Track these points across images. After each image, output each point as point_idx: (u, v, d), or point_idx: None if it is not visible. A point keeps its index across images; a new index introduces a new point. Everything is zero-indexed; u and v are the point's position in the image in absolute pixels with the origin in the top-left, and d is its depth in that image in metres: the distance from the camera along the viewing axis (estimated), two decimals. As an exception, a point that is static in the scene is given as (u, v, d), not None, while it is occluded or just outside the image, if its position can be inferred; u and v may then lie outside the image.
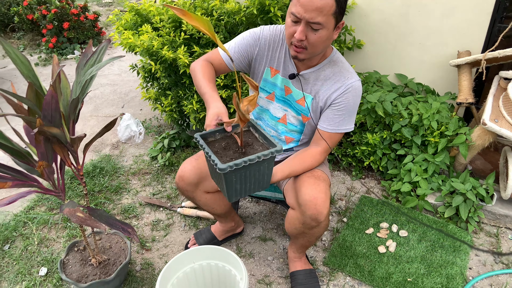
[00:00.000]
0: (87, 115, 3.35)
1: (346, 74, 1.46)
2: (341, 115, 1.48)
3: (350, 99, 1.46)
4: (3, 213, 2.30)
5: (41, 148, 1.24)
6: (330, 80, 1.47)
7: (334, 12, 1.29)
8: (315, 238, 1.62)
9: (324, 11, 1.27)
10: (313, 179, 1.48)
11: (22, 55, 1.22)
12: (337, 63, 1.48)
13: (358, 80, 1.46)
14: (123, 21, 2.48)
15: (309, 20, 1.28)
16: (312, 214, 1.44)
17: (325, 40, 1.35)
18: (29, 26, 4.94)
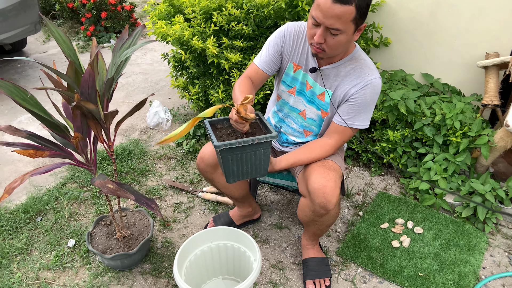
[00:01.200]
0: (119, 101, 3.49)
1: (367, 71, 1.48)
2: (356, 110, 1.51)
3: (368, 95, 1.48)
4: (37, 187, 2.45)
5: (77, 122, 1.35)
6: (350, 76, 1.50)
7: (353, 18, 1.30)
8: (325, 226, 1.67)
9: (343, 18, 1.28)
10: (323, 168, 1.53)
11: (64, 35, 1.33)
12: (358, 60, 1.51)
13: (378, 77, 1.48)
14: (157, 11, 2.59)
15: (328, 26, 1.31)
16: (320, 202, 1.49)
17: (344, 44, 1.38)
18: (69, 14, 5.16)
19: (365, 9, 1.31)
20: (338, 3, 1.26)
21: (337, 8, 1.26)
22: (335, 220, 1.64)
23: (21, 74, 4.03)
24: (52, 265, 1.93)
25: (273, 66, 1.64)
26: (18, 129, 1.37)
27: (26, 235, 2.09)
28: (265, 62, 1.63)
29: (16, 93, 1.25)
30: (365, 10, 1.32)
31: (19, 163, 2.68)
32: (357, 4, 1.27)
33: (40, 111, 1.34)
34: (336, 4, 1.26)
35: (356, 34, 1.38)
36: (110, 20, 4.82)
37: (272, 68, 1.64)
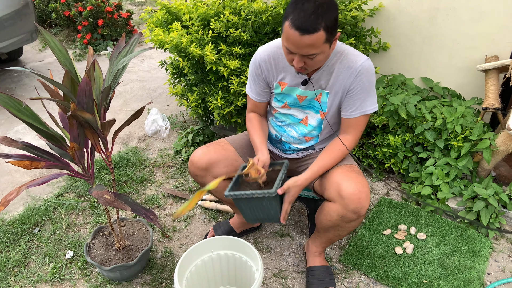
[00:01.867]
0: (116, 109, 3.47)
1: (353, 58, 1.48)
2: (360, 98, 1.50)
3: (364, 80, 1.48)
4: (35, 198, 2.42)
5: (73, 132, 1.33)
6: (341, 70, 1.50)
7: (325, 40, 1.30)
8: (347, 232, 1.64)
9: (315, 44, 1.29)
10: (354, 173, 1.53)
11: (60, 44, 1.30)
12: (342, 53, 1.49)
13: (366, 59, 1.48)
14: (154, 18, 2.58)
15: (303, 54, 1.33)
16: (355, 207, 1.47)
17: (324, 59, 1.40)
18: (66, 22, 5.15)
19: (333, 24, 1.30)
20: (305, 34, 1.26)
21: (306, 38, 1.27)
22: (358, 226, 1.63)
23: (18, 83, 4.01)
24: (50, 277, 1.90)
25: (266, 94, 1.70)
26: (13, 140, 1.34)
27: (24, 247, 2.05)
28: (257, 93, 1.70)
29: (11, 104, 1.23)
30: (334, 24, 1.30)
31: (15, 174, 2.65)
32: (325, 26, 1.27)
33: (36, 121, 1.32)
34: (305, 35, 1.26)
35: (333, 44, 1.39)
36: (107, 28, 4.81)
37: (266, 95, 1.71)
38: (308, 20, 1.24)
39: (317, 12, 1.25)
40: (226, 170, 1.73)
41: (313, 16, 1.24)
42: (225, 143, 1.79)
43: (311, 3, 1.26)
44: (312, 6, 1.25)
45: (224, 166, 1.73)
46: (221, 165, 1.71)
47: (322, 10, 1.25)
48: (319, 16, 1.25)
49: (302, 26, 1.25)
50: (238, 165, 1.77)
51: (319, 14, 1.25)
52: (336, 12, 1.30)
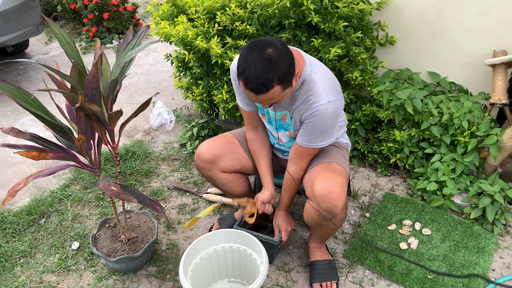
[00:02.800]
0: (122, 102, 3.48)
1: (314, 98, 1.41)
2: (312, 134, 1.49)
3: (317, 122, 1.43)
4: (41, 189, 2.44)
5: (81, 124, 1.33)
6: (302, 103, 1.46)
7: (283, 89, 1.28)
8: (332, 230, 1.65)
9: (274, 97, 1.29)
10: (329, 172, 1.52)
11: (68, 37, 1.31)
12: (309, 84, 1.43)
13: (326, 102, 1.40)
14: (160, 11, 2.57)
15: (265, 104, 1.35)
16: (327, 207, 1.47)
17: (290, 93, 1.37)
18: (71, 15, 5.15)
19: (288, 73, 1.26)
20: (261, 93, 1.26)
21: (263, 96, 1.28)
22: (342, 223, 1.62)
23: (23, 76, 4.02)
24: (56, 268, 1.91)
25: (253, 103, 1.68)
26: (21, 131, 1.35)
27: (30, 238, 2.07)
28: (245, 104, 1.67)
29: (19, 96, 1.23)
30: (288, 72, 1.26)
31: (22, 165, 2.67)
32: (278, 80, 1.24)
33: (44, 113, 1.32)
34: (260, 94, 1.27)
35: (294, 81, 1.34)
36: (112, 21, 4.81)
37: (254, 104, 1.68)
38: (260, 80, 1.23)
39: (266, 70, 1.22)
40: (231, 163, 1.75)
41: (264, 76, 1.22)
42: (231, 137, 1.80)
43: (259, 62, 1.22)
44: (260, 65, 1.22)
45: (230, 160, 1.74)
46: (226, 159, 1.73)
47: (271, 66, 1.22)
48: (269, 72, 1.22)
49: (256, 89, 1.25)
50: (243, 159, 1.78)
51: (269, 70, 1.22)
52: (287, 59, 1.25)
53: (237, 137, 1.82)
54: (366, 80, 2.34)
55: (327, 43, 2.18)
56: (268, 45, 1.23)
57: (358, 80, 2.26)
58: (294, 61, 1.30)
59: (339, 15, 2.13)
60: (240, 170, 1.80)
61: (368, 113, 2.39)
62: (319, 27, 2.18)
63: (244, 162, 1.79)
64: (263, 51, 1.22)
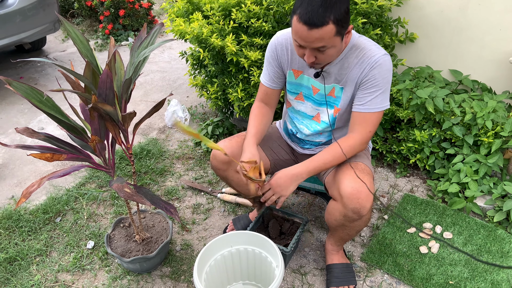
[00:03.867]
0: (137, 99, 3.47)
1: (369, 53, 1.39)
2: (371, 93, 1.42)
3: (377, 75, 1.39)
4: (57, 187, 2.45)
5: (94, 125, 1.31)
6: (356, 66, 1.42)
7: (336, 32, 1.25)
8: (355, 232, 1.60)
9: (325, 37, 1.25)
10: (357, 172, 1.47)
11: (81, 35, 1.29)
12: (358, 46, 1.41)
13: (383, 54, 1.39)
14: (175, 8, 2.54)
15: (313, 47, 1.28)
16: (354, 207, 1.42)
17: (336, 53, 1.34)
18: (88, 12, 5.18)
19: (344, 17, 1.24)
20: (314, 28, 1.22)
21: (315, 32, 1.23)
22: (366, 225, 1.57)
23: (41, 73, 4.05)
24: (71, 267, 1.92)
25: (279, 80, 1.62)
26: (35, 131, 1.34)
27: (46, 236, 2.08)
28: (270, 79, 1.62)
29: (33, 95, 1.22)
30: (345, 17, 1.24)
31: (38, 163, 2.68)
32: (334, 19, 1.21)
33: (57, 113, 1.31)
34: (313, 29, 1.22)
35: (345, 37, 1.32)
36: (128, 18, 4.82)
37: (279, 82, 1.63)
38: (316, 13, 1.20)
39: (325, 5, 1.19)
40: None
41: (321, 9, 1.19)
42: None
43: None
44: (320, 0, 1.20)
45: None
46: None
47: (330, 3, 1.20)
48: (327, 8, 1.19)
49: (310, 20, 1.21)
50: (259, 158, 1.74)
51: (327, 7, 1.19)
52: (346, 3, 1.24)
53: None
54: (385, 78, 2.27)
55: (345, 40, 2.12)
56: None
57: (377, 78, 2.19)
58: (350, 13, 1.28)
59: (357, 11, 2.07)
60: None
61: (386, 112, 2.33)
62: (337, 24, 2.12)
63: (263, 161, 1.76)
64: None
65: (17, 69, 4.13)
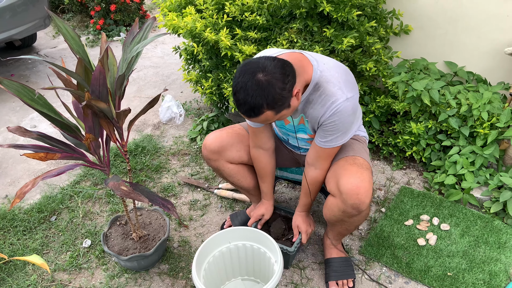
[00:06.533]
0: (130, 96, 3.44)
1: (330, 98, 1.36)
2: (333, 134, 1.44)
3: (338, 122, 1.39)
4: (51, 186, 2.42)
5: (88, 122, 1.29)
6: (317, 103, 1.40)
7: (276, 112, 1.24)
8: (354, 227, 1.60)
9: (268, 119, 1.27)
10: (356, 167, 1.46)
11: (72, 31, 1.26)
12: (321, 86, 1.38)
13: (344, 100, 1.35)
14: (167, 2, 2.51)
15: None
16: (354, 203, 1.42)
17: (292, 111, 1.32)
18: (78, 7, 5.10)
19: (280, 97, 1.21)
20: (252, 118, 1.25)
21: (255, 119, 1.26)
22: (365, 220, 1.57)
23: (32, 70, 4.00)
24: (68, 266, 1.90)
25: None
26: (28, 130, 1.31)
27: (41, 235, 2.06)
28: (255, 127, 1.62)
29: (24, 93, 1.19)
30: (281, 96, 1.21)
31: (32, 161, 2.65)
32: (268, 106, 1.21)
33: (50, 111, 1.28)
34: (252, 118, 1.25)
35: (293, 101, 1.28)
36: (119, 13, 4.76)
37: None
38: (249, 107, 1.21)
39: (256, 96, 1.19)
40: (238, 154, 1.72)
41: (253, 101, 1.19)
42: (239, 128, 1.77)
43: (248, 88, 1.19)
44: (250, 91, 1.19)
45: (237, 150, 1.72)
46: (233, 149, 1.71)
47: (261, 91, 1.18)
48: (259, 99, 1.19)
49: (247, 114, 1.24)
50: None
51: (258, 98, 1.19)
52: (279, 83, 1.20)
53: (246, 128, 1.78)
54: (380, 71, 2.26)
55: (339, 33, 2.10)
56: (259, 69, 1.19)
57: (372, 71, 2.18)
58: (290, 81, 1.24)
59: (352, 3, 2.05)
60: (248, 162, 1.76)
61: (382, 105, 2.32)
62: (331, 17, 2.10)
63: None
64: (253, 75, 1.19)
65: (8, 66, 4.07)
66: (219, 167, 1.74)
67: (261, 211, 1.82)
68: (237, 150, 1.71)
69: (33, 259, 1.31)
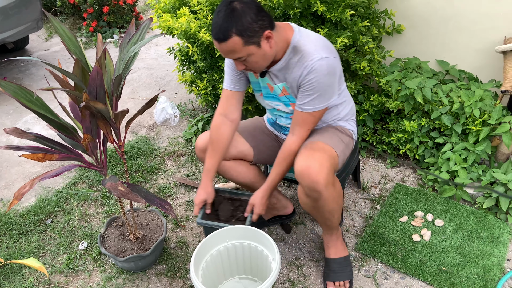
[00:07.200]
0: (125, 97, 3.44)
1: (306, 57, 1.41)
2: (309, 95, 1.46)
3: (313, 79, 1.42)
4: (46, 188, 2.41)
5: (86, 123, 1.29)
6: (296, 66, 1.46)
7: (244, 43, 1.31)
8: (328, 213, 1.56)
9: (236, 49, 1.32)
10: (308, 150, 1.47)
11: (69, 32, 1.26)
12: (298, 48, 1.44)
13: (319, 59, 1.39)
14: (161, 4, 2.52)
15: (232, 58, 1.37)
16: (308, 184, 1.42)
17: (263, 57, 1.38)
18: (71, 10, 5.09)
19: (250, 27, 1.29)
20: (221, 42, 1.31)
21: (223, 46, 1.32)
22: (337, 205, 1.54)
23: (25, 73, 3.98)
24: (65, 268, 1.89)
25: (241, 83, 1.66)
26: (24, 131, 1.31)
27: (37, 238, 2.05)
28: (231, 82, 1.65)
29: (21, 95, 1.19)
30: (250, 27, 1.29)
31: (26, 164, 2.64)
32: (237, 31, 1.28)
33: (47, 112, 1.28)
34: (221, 43, 1.31)
35: (264, 44, 1.35)
36: (112, 15, 4.75)
37: (241, 85, 1.66)
38: (220, 28, 1.29)
39: (227, 19, 1.27)
40: (230, 150, 1.74)
41: (224, 23, 1.28)
42: None
43: (222, 11, 1.28)
44: (223, 14, 1.28)
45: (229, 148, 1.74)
46: None
47: (233, 16, 1.27)
48: (230, 22, 1.27)
49: (216, 36, 1.31)
50: (242, 148, 1.78)
51: (230, 21, 1.27)
52: (252, 14, 1.29)
53: (239, 131, 1.80)
54: (374, 70, 2.29)
55: (333, 33, 2.12)
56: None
57: (366, 70, 2.21)
58: (265, 21, 1.32)
59: (345, 3, 2.08)
60: (239, 157, 1.77)
61: (376, 104, 2.34)
62: (325, 17, 2.12)
63: (242, 147, 1.77)
64: (230, 3, 1.28)
65: (0, 69, 4.05)
66: None
67: (202, 196, 1.69)
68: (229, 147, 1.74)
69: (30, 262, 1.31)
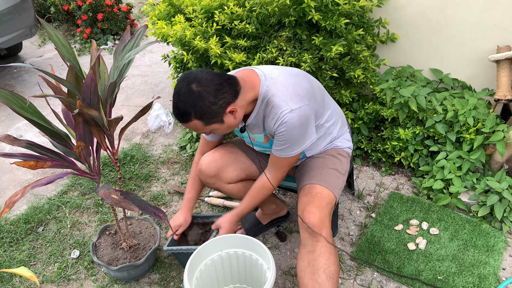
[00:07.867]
0: (118, 104, 3.41)
1: (276, 110, 1.41)
2: (282, 144, 1.46)
3: (284, 132, 1.41)
4: (38, 196, 2.38)
5: (79, 130, 1.28)
6: (269, 117, 1.45)
7: (204, 124, 1.32)
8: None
9: (198, 129, 1.35)
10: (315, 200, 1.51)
11: (63, 38, 1.25)
12: (269, 99, 1.43)
13: (289, 111, 1.38)
14: (156, 11, 2.51)
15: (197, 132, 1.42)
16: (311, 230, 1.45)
17: (227, 128, 1.41)
18: (65, 16, 5.07)
19: (207, 110, 1.29)
20: (182, 123, 1.34)
21: (186, 125, 1.35)
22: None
23: (17, 79, 3.95)
24: (56, 277, 1.86)
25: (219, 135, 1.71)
26: (16, 138, 1.29)
27: (28, 247, 2.01)
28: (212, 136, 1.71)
29: (14, 101, 1.18)
30: (210, 110, 1.30)
31: (18, 172, 2.61)
32: (195, 115, 1.29)
33: (40, 119, 1.27)
34: (183, 123, 1.34)
35: (228, 117, 1.36)
36: (106, 22, 4.74)
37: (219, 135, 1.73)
38: (179, 111, 1.30)
39: (186, 104, 1.28)
40: (236, 173, 1.73)
41: (183, 107, 1.28)
42: (231, 146, 1.77)
43: (181, 94, 1.28)
44: (182, 98, 1.28)
45: (233, 170, 1.73)
46: (229, 170, 1.72)
47: (191, 101, 1.27)
48: (189, 106, 1.28)
49: (177, 117, 1.33)
50: (247, 167, 1.78)
51: (188, 105, 1.28)
52: (209, 97, 1.28)
53: (237, 145, 1.78)
54: (368, 78, 2.29)
55: (328, 41, 2.13)
56: (195, 80, 1.28)
57: (360, 78, 2.22)
58: (225, 98, 1.31)
59: (340, 12, 2.09)
60: (246, 178, 1.76)
61: (371, 112, 2.35)
62: (320, 25, 2.13)
63: (249, 169, 1.76)
64: (189, 84, 1.27)
65: (-8, 75, 4.01)
66: (219, 189, 1.77)
67: (179, 220, 1.77)
68: (233, 169, 1.72)
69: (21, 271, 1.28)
